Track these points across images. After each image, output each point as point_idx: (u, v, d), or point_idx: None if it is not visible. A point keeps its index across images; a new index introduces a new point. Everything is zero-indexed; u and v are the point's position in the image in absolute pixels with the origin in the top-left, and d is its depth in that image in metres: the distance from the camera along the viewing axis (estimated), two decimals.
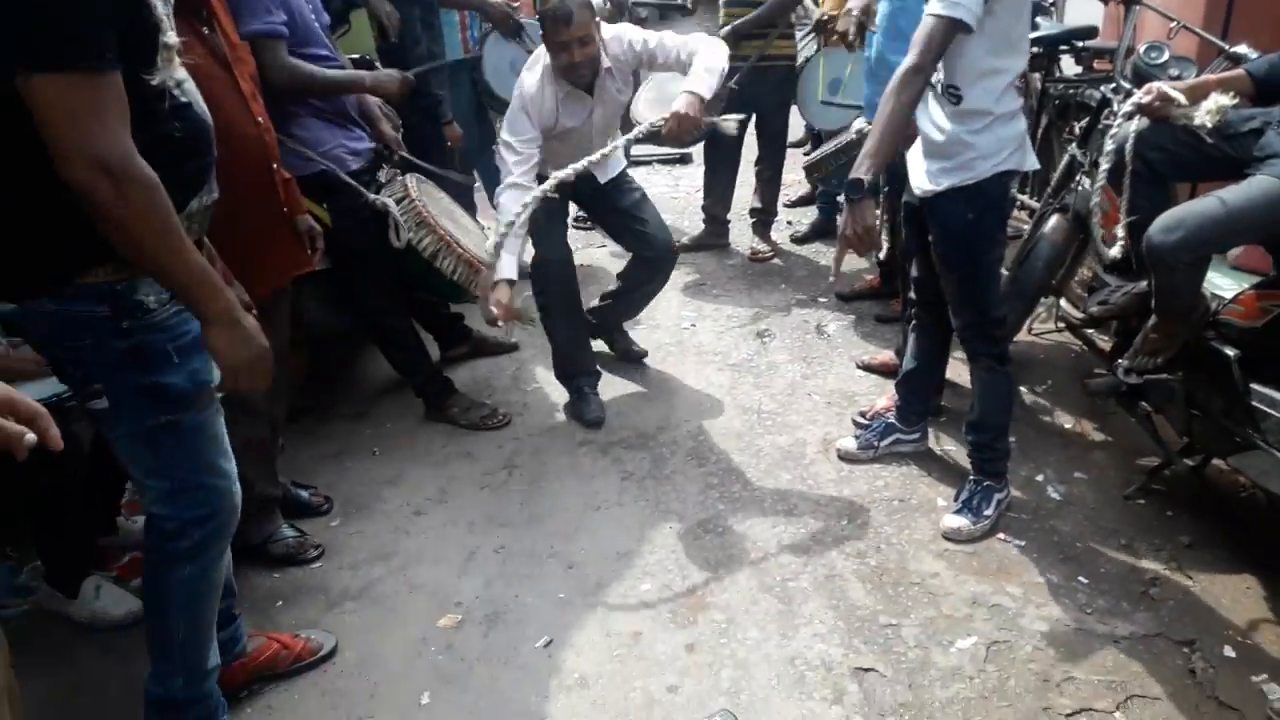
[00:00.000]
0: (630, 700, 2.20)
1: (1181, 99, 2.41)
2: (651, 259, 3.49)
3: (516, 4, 4.51)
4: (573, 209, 3.82)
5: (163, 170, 1.53)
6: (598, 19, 2.99)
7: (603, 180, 3.35)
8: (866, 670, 2.26)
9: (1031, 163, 2.59)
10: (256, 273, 2.28)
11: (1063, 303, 3.51)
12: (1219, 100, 2.36)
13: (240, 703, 2.21)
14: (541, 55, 3.08)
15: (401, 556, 2.73)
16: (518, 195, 2.97)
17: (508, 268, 2.94)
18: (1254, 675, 2.19)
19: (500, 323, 2.96)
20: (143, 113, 1.52)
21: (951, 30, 2.23)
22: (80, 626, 2.47)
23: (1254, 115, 2.41)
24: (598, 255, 4.99)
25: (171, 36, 1.56)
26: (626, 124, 3.67)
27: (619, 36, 3.11)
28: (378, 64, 3.70)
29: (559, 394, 3.57)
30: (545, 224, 3.22)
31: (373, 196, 3.03)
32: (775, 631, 2.39)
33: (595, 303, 3.74)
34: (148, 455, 1.78)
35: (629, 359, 3.80)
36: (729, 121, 3.04)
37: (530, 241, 3.32)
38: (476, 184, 5.07)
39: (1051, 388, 3.51)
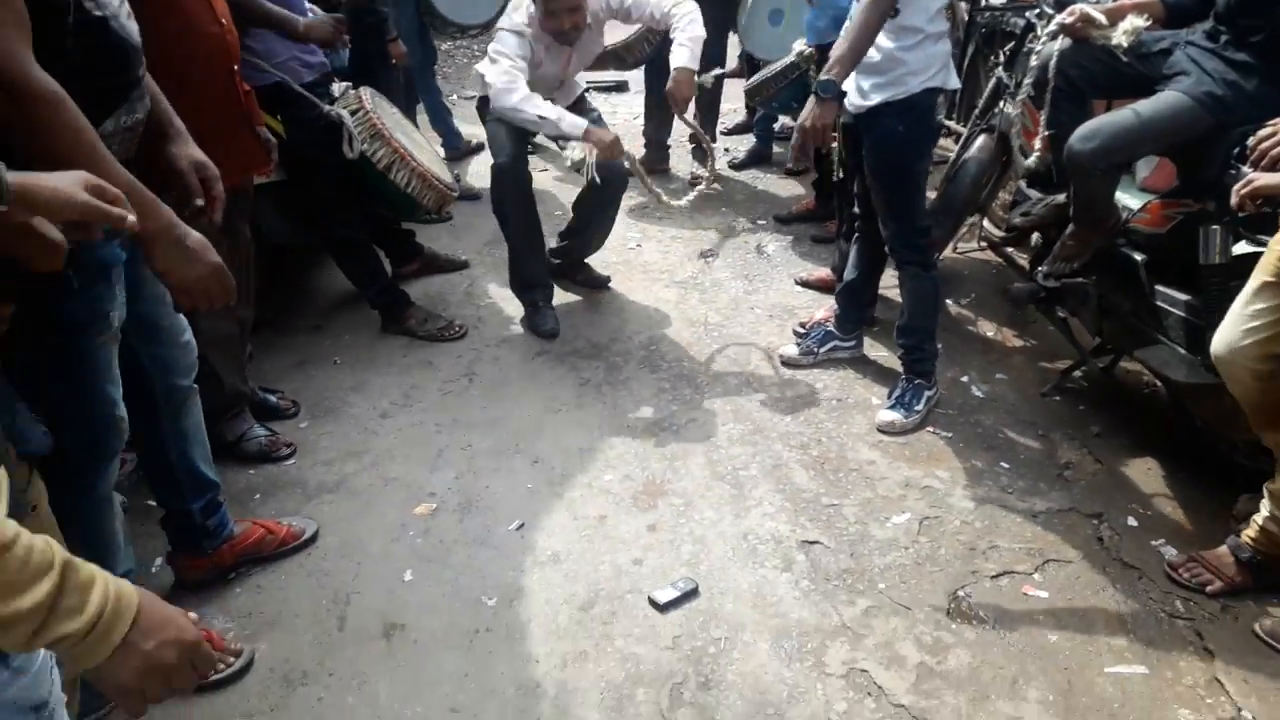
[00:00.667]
0: (600, 572, 2.38)
1: (1102, 20, 2.62)
2: (605, 180, 3.59)
3: None
4: None
5: (68, 88, 1.48)
6: None
7: (564, 105, 3.47)
8: (812, 543, 2.48)
9: (954, 82, 2.80)
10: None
11: (985, 222, 3.75)
12: (1135, 22, 2.58)
13: (229, 583, 2.33)
14: (525, 3, 3.20)
15: (372, 454, 2.84)
16: (534, 98, 3.18)
17: (577, 120, 3.21)
18: (1153, 540, 2.48)
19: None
20: (44, 29, 1.47)
21: None
22: None
23: (1164, 36, 2.64)
24: (540, 179, 5.05)
25: None
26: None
27: None
28: None
29: (513, 308, 3.68)
30: (505, 135, 3.31)
31: (327, 107, 3.07)
32: (729, 512, 2.60)
33: (555, 243, 3.86)
34: (33, 378, 1.73)
35: (594, 286, 3.90)
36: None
37: (490, 150, 3.43)
38: (418, 104, 5.09)
39: (975, 300, 3.77)
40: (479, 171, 5.10)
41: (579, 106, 3.56)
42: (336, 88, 3.26)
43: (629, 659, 2.13)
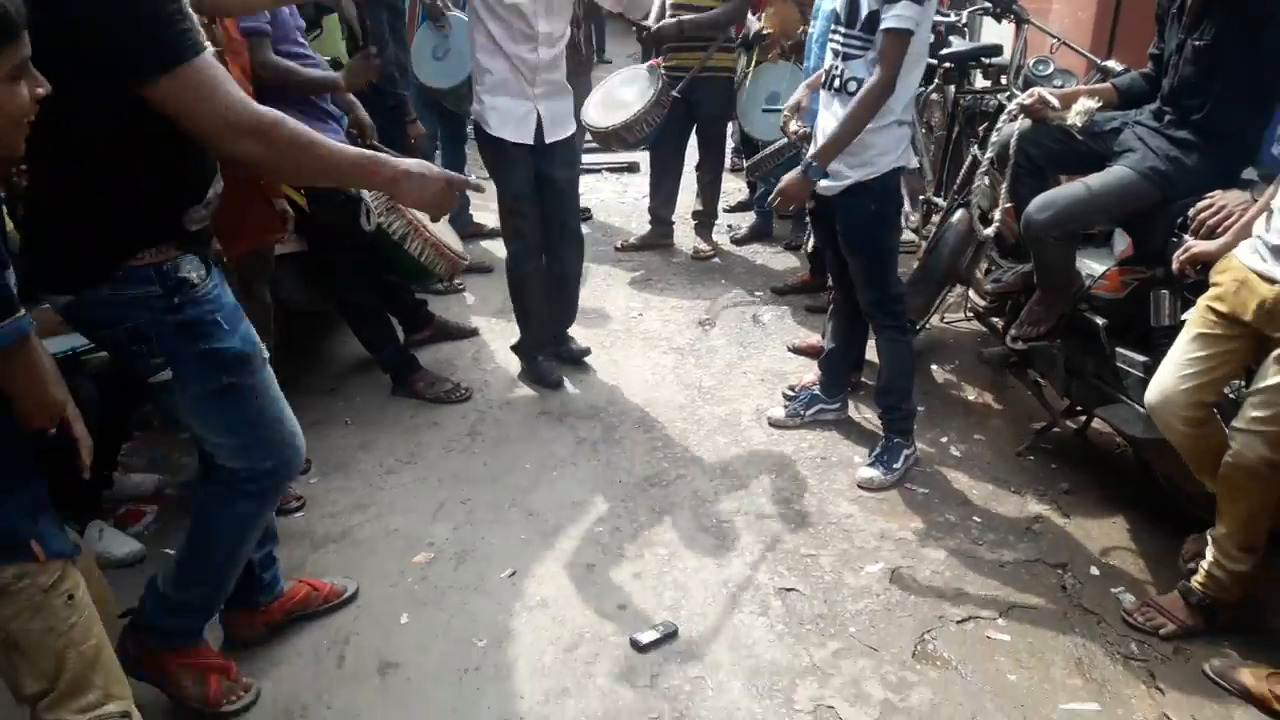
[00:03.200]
0: (585, 616, 2.52)
1: (1056, 103, 2.83)
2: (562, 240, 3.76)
3: None
4: None
5: (194, 160, 1.74)
6: None
7: (553, 137, 3.53)
8: (789, 590, 2.61)
9: (914, 161, 3.01)
10: (233, 233, 2.55)
11: (970, 293, 3.93)
12: (1087, 104, 2.79)
13: None
14: None
15: (377, 507, 3.01)
16: None
17: None
18: (1113, 588, 2.60)
19: None
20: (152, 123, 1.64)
21: (908, 41, 2.65)
22: None
23: (1114, 117, 2.85)
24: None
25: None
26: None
27: None
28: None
29: (518, 371, 3.88)
30: (527, 208, 3.54)
31: None
32: (711, 561, 2.73)
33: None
34: (216, 416, 1.93)
35: (575, 359, 3.97)
36: None
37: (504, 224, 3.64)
38: None
39: (958, 366, 3.93)
40: (491, 246, 5.35)
41: (564, 153, 3.63)
42: None
43: (608, 695, 2.26)
